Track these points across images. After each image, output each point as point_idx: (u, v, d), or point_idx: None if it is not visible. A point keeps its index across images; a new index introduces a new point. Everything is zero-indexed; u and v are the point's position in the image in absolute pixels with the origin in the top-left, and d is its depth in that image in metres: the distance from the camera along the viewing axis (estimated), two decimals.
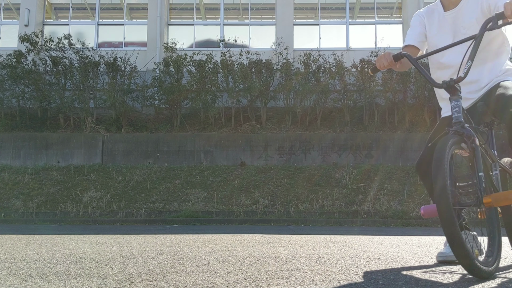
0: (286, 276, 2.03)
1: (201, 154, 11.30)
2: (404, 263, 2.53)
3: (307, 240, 4.40)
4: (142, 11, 16.62)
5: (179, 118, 12.26)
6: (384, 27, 16.14)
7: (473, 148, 2.02)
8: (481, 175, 1.99)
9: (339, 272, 2.17)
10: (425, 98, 12.02)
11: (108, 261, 2.59)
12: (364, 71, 11.88)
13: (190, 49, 14.41)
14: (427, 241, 4.42)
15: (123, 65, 12.25)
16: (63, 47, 12.36)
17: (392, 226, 8.21)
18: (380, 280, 1.94)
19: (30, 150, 11.39)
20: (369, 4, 16.41)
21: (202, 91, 11.90)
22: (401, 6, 15.95)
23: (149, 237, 4.73)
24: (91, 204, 9.58)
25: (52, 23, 16.92)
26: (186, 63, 12.18)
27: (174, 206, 9.50)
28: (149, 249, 3.39)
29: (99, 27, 15.92)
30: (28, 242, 4.05)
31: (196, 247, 3.54)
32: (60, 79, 12.41)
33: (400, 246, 3.71)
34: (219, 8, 16.08)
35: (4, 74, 12.22)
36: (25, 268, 2.31)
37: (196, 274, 2.10)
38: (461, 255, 1.81)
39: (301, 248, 3.51)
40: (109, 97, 11.79)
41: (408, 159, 10.99)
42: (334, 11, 16.76)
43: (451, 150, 1.93)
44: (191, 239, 4.43)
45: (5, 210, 9.40)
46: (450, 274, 2.12)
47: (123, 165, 11.12)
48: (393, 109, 12.17)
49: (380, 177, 10.20)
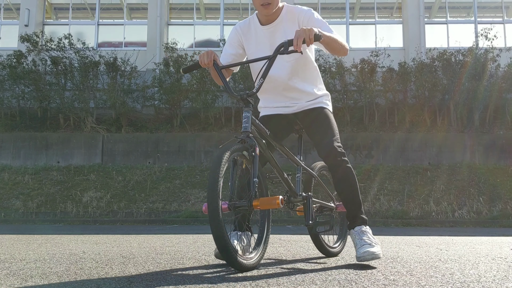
0: (286, 276, 2.03)
1: (201, 154, 11.30)
2: (404, 263, 2.53)
3: (307, 240, 4.40)
4: (142, 11, 16.62)
5: (179, 118, 12.25)
6: (384, 27, 16.15)
7: (252, 156, 2.21)
8: (255, 180, 2.17)
9: (339, 272, 2.17)
10: (425, 98, 12.03)
11: (108, 261, 2.59)
12: (364, 71, 11.88)
13: (190, 49, 14.42)
14: (427, 241, 4.42)
15: (123, 65, 12.24)
16: (63, 47, 12.35)
17: (392, 226, 8.21)
18: (381, 280, 1.94)
19: (30, 150, 11.39)
20: (369, 4, 16.41)
21: (202, 91, 11.90)
22: (401, 6, 15.95)
23: (149, 237, 4.73)
24: (91, 204, 9.58)
25: (52, 23, 16.92)
26: (186, 63, 12.17)
27: (174, 206, 9.50)
28: (149, 249, 3.39)
29: (99, 27, 15.92)
30: (28, 242, 4.04)
31: (196, 247, 3.54)
32: (60, 79, 12.40)
33: (400, 246, 3.71)
34: (219, 8, 16.08)
35: (4, 74, 12.22)
36: (25, 268, 2.30)
37: (196, 274, 2.10)
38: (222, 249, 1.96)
39: (301, 248, 3.51)
40: (109, 97, 11.78)
41: (408, 159, 10.98)
42: (334, 11, 16.76)
43: (233, 155, 2.12)
44: (191, 239, 4.43)
45: (5, 210, 9.40)
46: (450, 275, 2.12)
47: (123, 165, 11.12)
48: (393, 109, 12.17)
49: (380, 177, 10.20)
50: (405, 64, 12.14)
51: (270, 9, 2.45)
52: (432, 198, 9.45)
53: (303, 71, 2.60)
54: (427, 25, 15.48)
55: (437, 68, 12.16)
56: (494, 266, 2.42)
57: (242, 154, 2.21)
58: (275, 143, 2.53)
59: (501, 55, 12.11)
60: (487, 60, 11.98)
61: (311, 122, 2.61)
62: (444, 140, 11.14)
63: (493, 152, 10.97)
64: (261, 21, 2.57)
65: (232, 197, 2.18)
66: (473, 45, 12.60)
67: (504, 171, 10.40)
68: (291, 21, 2.52)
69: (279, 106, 2.66)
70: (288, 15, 2.53)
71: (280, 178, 2.53)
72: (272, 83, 2.57)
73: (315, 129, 2.58)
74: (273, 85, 2.59)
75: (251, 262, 2.13)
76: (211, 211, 1.96)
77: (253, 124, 2.32)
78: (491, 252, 3.24)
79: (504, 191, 9.69)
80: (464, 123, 11.96)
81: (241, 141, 2.20)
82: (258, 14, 2.60)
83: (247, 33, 2.62)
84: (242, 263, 2.05)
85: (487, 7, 16.64)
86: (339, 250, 2.93)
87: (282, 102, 2.64)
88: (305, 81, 2.62)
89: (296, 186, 2.57)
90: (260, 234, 2.36)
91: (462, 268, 2.34)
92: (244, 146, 2.20)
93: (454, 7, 16.65)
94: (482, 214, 8.99)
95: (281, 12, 2.54)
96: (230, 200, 2.16)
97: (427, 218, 8.80)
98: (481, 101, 11.84)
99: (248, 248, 2.42)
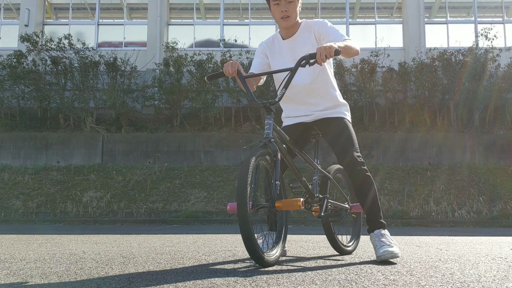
0: (286, 276, 2.03)
1: (201, 154, 11.30)
2: (404, 263, 2.53)
3: (307, 240, 4.40)
4: (142, 11, 16.62)
5: (179, 118, 12.25)
6: (384, 27, 16.14)
7: (274, 160, 2.41)
8: (277, 183, 2.35)
9: (339, 272, 2.17)
10: (425, 98, 12.03)
11: (108, 261, 2.59)
12: (364, 71, 11.88)
13: (190, 49, 14.41)
14: (427, 241, 4.42)
15: (123, 65, 12.24)
16: (63, 47, 12.36)
17: (392, 226, 8.21)
18: (381, 280, 1.94)
19: (30, 150, 11.39)
20: (369, 4, 16.41)
21: (202, 91, 11.90)
22: (401, 6, 15.95)
23: (149, 237, 4.73)
24: (91, 204, 9.58)
25: (52, 23, 16.92)
26: (186, 63, 12.17)
27: (174, 206, 9.50)
28: (149, 249, 3.39)
29: (99, 27, 15.92)
30: (28, 242, 4.05)
31: (196, 247, 3.54)
32: (60, 79, 12.40)
33: (400, 246, 3.71)
34: (219, 8, 16.08)
35: (4, 74, 12.22)
36: (25, 268, 2.31)
37: (196, 274, 2.10)
38: (249, 248, 2.13)
39: (301, 248, 3.51)
40: (109, 97, 11.78)
41: (409, 159, 10.99)
42: (334, 11, 16.76)
43: (257, 159, 2.30)
44: (191, 239, 4.43)
45: (5, 210, 9.40)
46: (450, 275, 2.12)
47: (123, 165, 11.12)
48: (393, 109, 12.17)
49: (380, 177, 10.19)
50: (405, 64, 12.14)
51: (289, 21, 2.72)
52: (432, 198, 9.45)
53: (322, 77, 2.82)
54: (427, 25, 15.48)
55: (437, 68, 12.16)
56: (494, 266, 2.42)
57: (265, 158, 2.40)
58: (294, 148, 2.74)
59: (501, 55, 12.11)
60: (487, 60, 11.98)
61: (331, 132, 2.82)
62: (444, 140, 11.14)
63: (493, 152, 10.97)
64: (283, 36, 2.84)
65: (255, 198, 2.33)
66: (473, 45, 12.60)
67: (504, 171, 10.40)
68: (308, 32, 2.79)
69: (300, 115, 2.88)
70: (306, 28, 2.81)
71: (298, 180, 2.73)
72: (294, 89, 2.78)
73: (336, 140, 2.78)
74: (295, 91, 2.80)
75: (273, 259, 2.30)
76: (240, 213, 2.13)
77: (275, 130, 2.51)
78: (491, 252, 3.24)
79: (504, 191, 9.69)
80: (464, 123, 11.96)
81: (264, 146, 2.39)
82: (279, 30, 2.88)
83: (271, 47, 2.89)
84: (266, 259, 2.23)
85: (487, 7, 16.64)
86: (352, 249, 3.07)
87: (303, 110, 2.86)
88: (325, 86, 2.83)
89: (313, 188, 2.81)
90: (279, 234, 2.53)
91: (462, 268, 2.34)
92: (266, 151, 2.39)
93: (454, 7, 16.65)
94: (482, 214, 9.00)
95: (300, 27, 2.81)
96: (254, 200, 2.31)
97: (427, 218, 8.80)
98: (481, 101, 11.84)
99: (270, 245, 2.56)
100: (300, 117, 2.87)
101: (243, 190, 2.15)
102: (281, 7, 2.67)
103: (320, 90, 2.81)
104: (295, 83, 2.73)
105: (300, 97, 2.82)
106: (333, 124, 2.81)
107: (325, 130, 2.85)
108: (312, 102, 2.82)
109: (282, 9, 2.67)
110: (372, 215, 2.70)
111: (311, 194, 2.77)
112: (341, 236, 3.05)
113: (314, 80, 2.78)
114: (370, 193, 2.69)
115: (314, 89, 2.80)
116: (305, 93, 2.80)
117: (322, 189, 2.91)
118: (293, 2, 2.68)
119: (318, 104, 2.82)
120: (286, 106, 2.94)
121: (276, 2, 2.68)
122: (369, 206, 2.70)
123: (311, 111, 2.84)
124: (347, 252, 3.00)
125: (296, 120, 2.89)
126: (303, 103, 2.83)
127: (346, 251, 3.00)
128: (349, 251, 3.01)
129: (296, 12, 2.73)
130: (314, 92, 2.81)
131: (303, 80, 2.76)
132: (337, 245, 2.93)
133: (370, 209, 2.70)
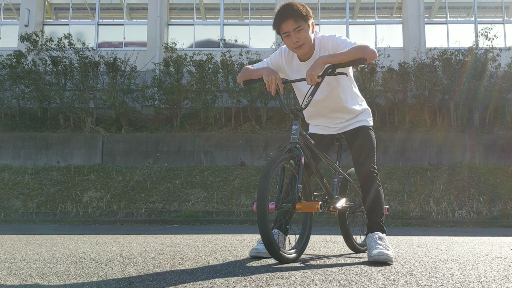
0: (286, 276, 2.03)
1: (201, 154, 11.30)
2: (404, 263, 2.53)
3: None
4: (142, 11, 16.63)
5: (179, 118, 12.25)
6: (384, 27, 16.15)
7: (298, 165, 2.53)
8: (299, 186, 2.48)
9: (339, 272, 2.17)
10: (425, 98, 12.02)
11: (108, 261, 2.59)
12: (364, 71, 11.88)
13: (190, 49, 14.41)
14: (427, 241, 4.42)
15: (123, 65, 12.24)
16: (63, 47, 12.35)
17: (392, 226, 8.21)
18: (381, 280, 1.94)
19: (30, 150, 11.39)
20: (369, 4, 16.41)
21: (202, 91, 11.90)
22: (401, 6, 15.95)
23: (149, 237, 4.73)
24: (91, 204, 9.58)
25: (52, 23, 16.93)
26: (186, 63, 12.17)
27: (174, 206, 9.50)
28: (149, 249, 3.38)
29: (99, 27, 15.92)
30: (28, 242, 4.04)
31: (196, 247, 3.54)
32: (60, 79, 12.40)
33: (400, 246, 3.71)
34: (219, 8, 16.08)
35: (4, 74, 12.22)
36: (25, 268, 2.30)
37: (196, 274, 2.10)
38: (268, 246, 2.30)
39: None
40: (109, 97, 11.78)
41: (409, 159, 10.98)
42: (334, 11, 16.76)
43: (281, 163, 2.44)
44: (191, 239, 4.43)
45: (5, 210, 9.40)
46: (450, 275, 2.12)
47: (123, 165, 11.12)
48: (393, 109, 12.17)
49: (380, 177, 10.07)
50: (405, 64, 12.14)
51: (304, 48, 2.71)
52: (432, 198, 9.45)
53: (344, 91, 2.86)
54: (427, 25, 15.48)
55: (437, 68, 12.15)
56: (494, 266, 2.42)
57: (289, 162, 2.53)
58: (318, 152, 2.85)
59: (501, 55, 12.11)
60: (487, 60, 11.98)
61: (354, 144, 2.93)
62: (444, 140, 11.14)
63: (493, 152, 10.97)
64: (300, 58, 2.82)
65: (279, 199, 2.48)
66: (473, 45, 12.60)
67: (504, 171, 10.40)
68: (323, 51, 2.77)
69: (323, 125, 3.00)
70: (321, 47, 2.78)
71: (320, 182, 2.86)
72: (316, 107, 2.89)
73: (356, 150, 2.90)
74: (318, 109, 2.91)
75: (291, 256, 2.45)
76: (260, 212, 2.29)
77: (301, 135, 2.65)
78: (491, 252, 3.24)
79: (504, 191, 9.69)
80: (464, 123, 11.96)
81: (289, 151, 2.51)
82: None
83: (289, 62, 2.87)
84: (283, 255, 2.38)
85: (487, 7, 16.65)
86: (365, 249, 3.13)
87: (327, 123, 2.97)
88: (347, 102, 2.88)
89: (333, 189, 2.96)
90: (302, 234, 2.68)
91: (462, 268, 2.34)
92: (291, 155, 2.52)
93: (454, 7, 16.65)
94: (482, 214, 8.99)
95: (315, 48, 2.78)
96: (277, 201, 2.46)
97: (427, 218, 8.80)
98: (481, 101, 11.84)
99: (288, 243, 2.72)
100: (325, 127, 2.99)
101: (263, 192, 2.29)
102: (292, 38, 2.65)
103: (334, 106, 2.88)
104: (317, 101, 2.81)
105: (324, 113, 2.93)
106: (356, 135, 2.91)
107: (349, 140, 2.97)
108: (335, 116, 2.92)
109: (293, 40, 2.66)
110: (373, 217, 2.78)
111: (330, 195, 2.89)
112: (355, 236, 3.22)
113: (336, 100, 2.85)
114: (376, 199, 2.79)
115: (336, 108, 2.88)
116: (328, 110, 2.90)
117: (342, 192, 3.07)
118: (302, 29, 2.63)
119: (341, 117, 2.92)
120: (310, 121, 3.08)
121: (286, 35, 2.67)
122: (372, 209, 2.79)
123: (335, 124, 2.95)
124: (360, 251, 3.14)
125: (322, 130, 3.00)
126: (327, 117, 2.94)
127: (359, 250, 3.14)
128: (363, 251, 3.14)
129: (309, 38, 2.69)
130: (329, 108, 2.89)
131: (316, 96, 2.80)
132: (351, 243, 3.11)
133: (374, 212, 2.78)
